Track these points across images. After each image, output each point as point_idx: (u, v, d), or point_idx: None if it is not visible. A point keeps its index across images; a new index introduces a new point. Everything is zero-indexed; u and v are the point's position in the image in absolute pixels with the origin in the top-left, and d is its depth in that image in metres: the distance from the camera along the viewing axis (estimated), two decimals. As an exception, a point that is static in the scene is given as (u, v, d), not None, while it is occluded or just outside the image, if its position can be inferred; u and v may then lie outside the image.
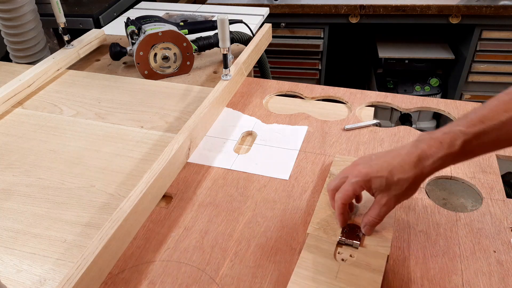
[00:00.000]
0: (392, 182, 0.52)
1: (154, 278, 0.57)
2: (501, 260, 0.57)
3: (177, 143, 0.73)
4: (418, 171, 0.51)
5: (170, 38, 0.99)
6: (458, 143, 0.50)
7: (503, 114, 0.49)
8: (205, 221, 0.65)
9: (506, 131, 0.49)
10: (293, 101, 0.95)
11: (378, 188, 0.54)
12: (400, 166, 0.52)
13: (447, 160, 0.51)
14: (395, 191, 0.53)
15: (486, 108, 0.50)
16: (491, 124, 0.49)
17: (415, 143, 0.53)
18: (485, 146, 0.51)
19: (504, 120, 0.49)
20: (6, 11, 1.06)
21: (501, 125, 0.49)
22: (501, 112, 0.49)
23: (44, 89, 1.00)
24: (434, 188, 0.70)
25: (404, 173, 0.52)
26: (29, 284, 0.57)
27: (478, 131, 0.49)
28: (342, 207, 0.57)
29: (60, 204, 0.69)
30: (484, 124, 0.49)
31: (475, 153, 0.52)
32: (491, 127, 0.49)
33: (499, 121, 0.49)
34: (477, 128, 0.49)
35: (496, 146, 0.52)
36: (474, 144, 0.50)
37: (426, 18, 1.70)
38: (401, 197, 0.54)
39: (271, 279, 0.56)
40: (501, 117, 0.49)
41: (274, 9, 1.71)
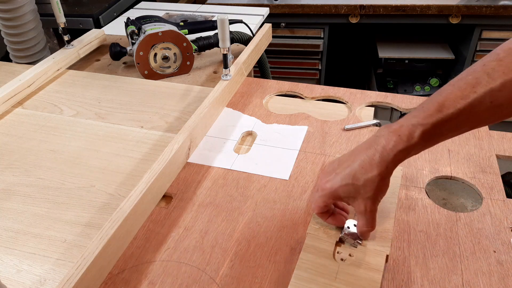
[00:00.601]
0: (359, 186, 0.52)
1: (154, 278, 0.57)
2: (501, 260, 0.57)
3: (177, 143, 0.73)
4: (382, 168, 0.51)
5: (170, 38, 0.99)
6: (417, 135, 0.49)
7: (459, 101, 0.48)
8: (205, 221, 0.65)
9: (464, 118, 0.48)
10: (293, 101, 0.95)
11: (348, 196, 0.53)
12: (362, 168, 0.52)
13: (408, 151, 0.50)
14: (366, 193, 0.52)
15: (443, 95, 0.49)
16: (449, 112, 0.48)
17: (374, 138, 0.52)
18: (445, 134, 0.51)
19: (461, 107, 0.48)
20: (6, 11, 1.06)
21: (459, 113, 0.48)
22: (457, 100, 0.48)
23: (44, 89, 1.00)
24: (434, 188, 0.70)
25: (368, 173, 0.51)
26: (29, 284, 0.57)
27: (436, 121, 0.49)
28: (323, 216, 0.58)
29: (60, 204, 0.69)
30: (441, 113, 0.48)
31: (436, 141, 0.52)
32: (448, 115, 0.48)
33: (457, 109, 0.48)
34: (434, 119, 0.49)
35: (455, 132, 0.51)
36: (433, 134, 0.50)
37: (426, 18, 1.71)
38: (376, 196, 0.53)
39: (271, 279, 0.56)
40: (458, 104, 0.48)
41: (274, 9, 1.71)
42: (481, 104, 0.47)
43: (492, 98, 0.47)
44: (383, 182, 0.52)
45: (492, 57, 0.48)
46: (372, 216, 0.54)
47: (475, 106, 0.47)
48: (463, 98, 0.48)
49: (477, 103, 0.47)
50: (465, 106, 0.47)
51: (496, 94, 0.46)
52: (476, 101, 0.47)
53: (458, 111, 0.48)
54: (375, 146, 0.51)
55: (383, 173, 0.51)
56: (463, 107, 0.47)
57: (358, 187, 0.52)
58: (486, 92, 0.47)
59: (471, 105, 0.47)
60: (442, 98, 0.49)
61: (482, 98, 0.47)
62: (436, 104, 0.49)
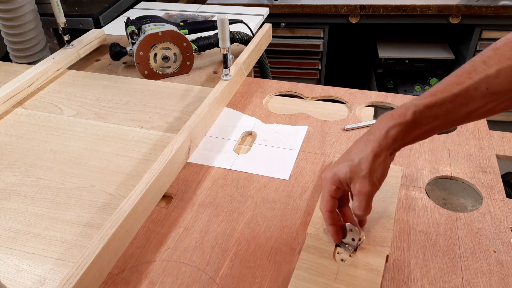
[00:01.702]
0: (354, 165, 0.52)
1: (154, 278, 0.57)
2: (501, 260, 0.57)
3: (177, 143, 0.73)
4: (374, 145, 0.51)
5: (170, 38, 0.99)
6: (409, 114, 0.50)
7: (455, 86, 0.48)
8: (205, 221, 0.65)
9: (459, 103, 0.49)
10: (293, 101, 0.95)
11: (345, 178, 0.53)
12: (357, 149, 0.53)
13: (402, 129, 0.51)
14: (361, 171, 0.52)
15: (440, 83, 0.50)
16: (443, 96, 0.49)
17: (369, 128, 0.54)
18: (439, 118, 0.50)
19: (456, 92, 0.48)
20: (6, 11, 1.06)
21: (453, 97, 0.48)
22: (453, 85, 0.49)
23: (44, 89, 1.00)
24: (434, 188, 0.70)
25: (362, 152, 0.52)
26: (29, 284, 0.57)
27: (429, 102, 0.49)
28: (329, 217, 0.55)
29: (60, 204, 0.69)
30: (435, 96, 0.49)
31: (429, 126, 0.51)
32: (442, 99, 0.49)
33: (451, 93, 0.48)
34: (428, 100, 0.50)
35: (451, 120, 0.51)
36: (426, 115, 0.50)
37: (426, 18, 1.71)
38: (372, 178, 0.52)
39: (271, 279, 0.56)
40: (453, 89, 0.48)
41: (274, 9, 1.71)
42: (477, 90, 0.48)
43: (487, 85, 0.47)
44: (376, 159, 0.52)
45: (490, 47, 0.49)
46: (367, 198, 0.53)
47: (470, 91, 0.48)
48: (458, 84, 0.48)
49: (472, 89, 0.48)
50: (460, 91, 0.48)
51: (492, 81, 0.47)
52: (471, 87, 0.48)
53: (453, 96, 0.48)
54: (370, 131, 0.53)
55: (376, 150, 0.51)
56: (458, 92, 0.48)
57: (354, 166, 0.52)
58: (482, 78, 0.47)
59: (466, 90, 0.48)
60: (440, 85, 0.50)
61: (477, 84, 0.47)
62: (433, 90, 0.50)
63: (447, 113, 0.50)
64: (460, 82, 0.48)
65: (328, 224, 0.56)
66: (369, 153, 0.51)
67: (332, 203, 0.55)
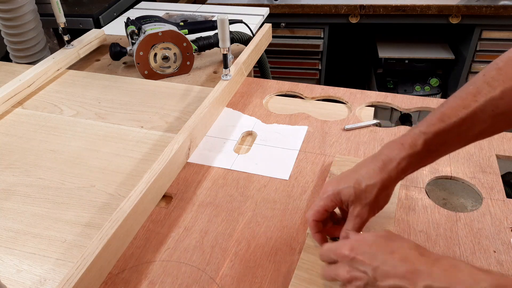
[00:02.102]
0: (360, 190, 0.51)
1: (154, 278, 0.57)
2: (501, 260, 0.57)
3: (177, 143, 0.73)
4: (384, 175, 0.51)
5: (170, 38, 0.99)
6: (420, 143, 0.50)
7: (461, 110, 0.49)
8: (205, 221, 0.65)
9: (467, 126, 0.49)
10: (293, 101, 0.95)
11: (348, 199, 0.53)
12: (366, 173, 0.52)
13: (412, 160, 0.51)
14: (365, 199, 0.52)
15: (445, 106, 0.50)
16: (451, 121, 0.49)
17: (378, 151, 0.53)
18: (449, 143, 0.51)
19: (464, 116, 0.49)
20: (6, 11, 1.06)
21: (461, 122, 0.49)
22: (459, 109, 0.49)
23: (44, 89, 1.00)
24: (434, 188, 0.70)
25: (371, 179, 0.51)
26: (29, 284, 0.57)
27: (438, 129, 0.49)
28: (314, 225, 0.55)
29: (60, 204, 0.69)
30: (444, 122, 0.49)
31: (440, 152, 0.52)
32: (451, 124, 0.49)
33: (459, 117, 0.49)
34: (437, 127, 0.49)
35: (461, 142, 0.52)
36: (436, 143, 0.50)
37: (426, 18, 1.70)
38: (373, 206, 0.53)
39: (271, 279, 0.56)
40: (460, 113, 0.49)
41: (274, 9, 1.71)
42: (483, 112, 0.48)
43: (493, 106, 0.48)
44: (383, 191, 0.52)
45: (492, 67, 0.49)
46: (362, 224, 0.53)
47: (477, 114, 0.48)
48: (464, 107, 0.48)
49: (479, 111, 0.48)
50: (467, 115, 0.48)
51: (497, 102, 0.47)
52: (477, 110, 0.48)
53: (460, 120, 0.49)
54: (379, 156, 0.52)
55: (385, 181, 0.51)
56: (465, 116, 0.48)
57: (360, 191, 0.51)
58: (487, 100, 0.48)
59: (473, 113, 0.48)
60: (444, 108, 0.50)
61: (483, 106, 0.48)
62: (439, 114, 0.50)
63: (456, 137, 0.50)
64: (466, 106, 0.49)
65: (314, 232, 0.55)
66: (377, 182, 0.51)
67: (323, 216, 0.54)
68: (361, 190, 0.51)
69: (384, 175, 0.51)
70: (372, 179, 0.51)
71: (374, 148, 0.78)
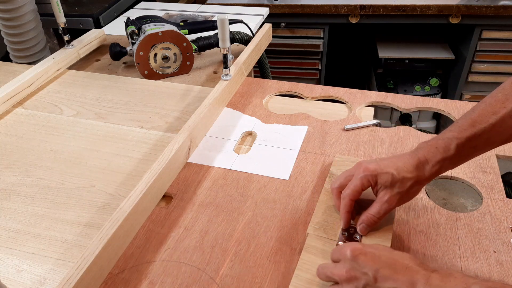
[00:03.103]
0: (397, 179, 0.54)
1: (154, 278, 0.57)
2: (501, 260, 0.57)
3: (177, 143, 0.73)
4: (420, 173, 0.54)
5: (170, 38, 0.99)
6: (453, 147, 0.53)
7: (491, 116, 0.52)
8: (205, 221, 0.65)
9: (496, 132, 0.53)
10: (293, 101, 0.95)
11: (383, 184, 0.55)
12: (404, 166, 0.55)
13: (445, 164, 0.54)
14: (398, 188, 0.54)
15: (476, 112, 0.54)
16: (482, 127, 0.53)
17: (414, 150, 0.56)
18: (479, 147, 0.54)
19: (493, 122, 0.52)
20: (6, 11, 1.06)
21: (491, 127, 0.52)
22: (489, 115, 0.53)
23: (44, 89, 1.00)
24: (434, 188, 0.70)
25: (408, 173, 0.54)
26: (29, 284, 0.57)
27: (470, 134, 0.53)
28: (349, 204, 0.57)
29: (60, 204, 0.69)
30: (475, 127, 0.53)
31: (470, 155, 0.56)
32: (481, 129, 0.53)
33: (489, 123, 0.52)
34: (468, 132, 0.53)
35: (489, 146, 0.55)
36: (467, 147, 0.54)
37: (426, 18, 1.70)
38: (403, 196, 0.55)
39: (271, 279, 0.56)
40: (490, 119, 0.52)
41: (274, 9, 1.71)
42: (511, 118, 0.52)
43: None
44: (416, 187, 0.55)
45: None
46: (387, 210, 0.55)
47: (505, 120, 0.52)
48: (494, 114, 0.52)
49: (507, 117, 0.52)
50: (497, 121, 0.52)
51: None
52: (506, 116, 0.52)
53: (490, 126, 0.52)
54: (416, 155, 0.55)
55: (419, 179, 0.55)
56: (495, 122, 0.52)
57: (396, 179, 0.54)
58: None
59: (502, 119, 0.52)
60: (475, 114, 0.54)
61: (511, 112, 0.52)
62: (470, 120, 0.54)
63: (486, 142, 0.54)
64: (495, 112, 0.52)
65: (345, 211, 0.57)
66: (413, 176, 0.54)
67: (358, 195, 0.57)
68: (398, 179, 0.54)
69: (419, 173, 0.54)
70: (409, 172, 0.54)
71: (374, 148, 0.78)
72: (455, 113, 0.86)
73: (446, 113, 0.87)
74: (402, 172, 0.54)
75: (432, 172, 0.54)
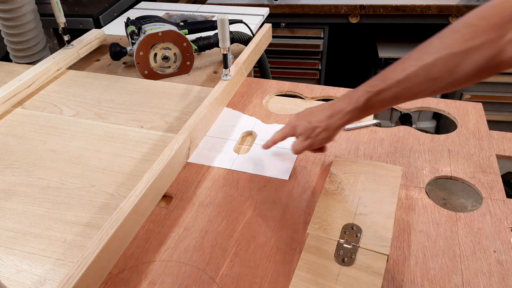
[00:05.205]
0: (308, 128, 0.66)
1: (154, 278, 0.57)
2: (501, 260, 0.57)
3: (177, 143, 0.73)
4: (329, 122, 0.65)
5: (170, 38, 0.99)
6: (362, 100, 0.60)
7: (400, 73, 0.56)
8: (205, 221, 0.65)
9: (403, 88, 0.57)
10: (293, 101, 0.95)
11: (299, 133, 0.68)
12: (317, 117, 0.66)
13: (354, 114, 0.62)
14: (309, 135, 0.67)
15: (389, 68, 0.59)
16: (390, 82, 0.57)
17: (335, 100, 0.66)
18: (386, 101, 0.60)
19: (401, 78, 0.56)
20: (6, 11, 1.06)
21: (398, 83, 0.57)
22: (398, 71, 0.57)
23: (44, 89, 1.00)
24: (434, 188, 0.70)
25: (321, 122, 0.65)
26: (29, 284, 0.57)
27: (379, 89, 0.59)
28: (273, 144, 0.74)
29: (60, 204, 0.69)
30: (384, 83, 0.58)
31: (377, 107, 0.62)
32: (389, 85, 0.57)
33: (396, 79, 0.57)
34: (378, 87, 0.59)
35: (397, 100, 0.60)
36: (375, 100, 0.60)
37: (426, 18, 1.70)
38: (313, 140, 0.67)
39: (271, 279, 0.56)
40: (398, 76, 0.56)
41: (274, 9, 1.71)
42: (417, 76, 0.55)
43: (426, 71, 0.55)
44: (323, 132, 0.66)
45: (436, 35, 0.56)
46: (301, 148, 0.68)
47: (411, 78, 0.56)
48: (403, 70, 0.56)
49: (413, 75, 0.56)
50: (404, 77, 0.56)
51: (430, 68, 0.54)
52: (413, 74, 0.55)
53: (397, 82, 0.57)
54: (333, 106, 0.65)
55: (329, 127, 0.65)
56: (402, 78, 0.56)
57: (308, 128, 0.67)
58: (422, 66, 0.55)
59: (409, 76, 0.56)
60: (388, 70, 0.59)
61: (418, 71, 0.55)
62: (382, 75, 0.59)
63: (394, 96, 0.59)
64: (405, 69, 0.56)
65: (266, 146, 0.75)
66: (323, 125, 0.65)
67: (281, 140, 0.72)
68: (310, 127, 0.66)
69: (330, 121, 0.64)
70: (321, 122, 0.65)
71: (374, 148, 0.78)
72: (455, 113, 0.86)
73: (446, 113, 0.87)
74: (314, 122, 0.65)
75: (342, 121, 0.64)
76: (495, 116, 1.86)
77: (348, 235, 0.57)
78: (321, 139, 0.67)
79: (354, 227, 0.58)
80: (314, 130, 0.66)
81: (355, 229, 0.58)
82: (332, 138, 0.67)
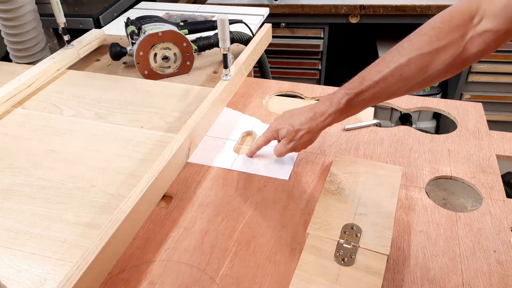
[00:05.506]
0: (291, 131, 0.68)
1: (154, 278, 0.57)
2: (501, 260, 0.57)
3: (177, 143, 0.73)
4: (311, 125, 0.67)
5: (170, 38, 0.99)
6: (343, 102, 0.64)
7: (376, 74, 0.61)
8: (205, 221, 0.65)
9: (380, 88, 0.61)
10: (293, 101, 0.95)
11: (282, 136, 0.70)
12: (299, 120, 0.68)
13: (336, 115, 0.66)
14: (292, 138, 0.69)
15: (367, 70, 0.63)
16: (368, 84, 0.61)
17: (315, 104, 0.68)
18: (365, 101, 0.64)
19: (377, 79, 0.61)
20: (6, 11, 1.06)
21: (375, 84, 0.61)
22: (375, 73, 0.61)
23: (44, 89, 1.00)
24: (434, 188, 0.70)
25: (302, 125, 0.67)
26: (29, 284, 0.57)
27: (357, 91, 0.62)
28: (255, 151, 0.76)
29: (60, 204, 0.69)
30: (362, 84, 0.62)
31: (357, 108, 0.65)
32: (367, 86, 0.62)
33: (373, 81, 0.61)
34: (357, 89, 0.62)
35: (375, 100, 0.64)
36: (355, 101, 0.64)
37: (426, 18, 1.70)
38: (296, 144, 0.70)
39: (271, 279, 0.56)
40: (375, 77, 0.61)
41: (274, 9, 1.71)
42: (393, 76, 0.60)
43: (400, 71, 0.59)
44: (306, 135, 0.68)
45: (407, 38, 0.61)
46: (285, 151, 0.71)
47: (387, 78, 0.60)
48: (379, 72, 0.61)
49: (389, 75, 0.60)
50: (380, 78, 0.60)
51: (404, 68, 0.59)
52: (388, 74, 0.60)
53: (375, 83, 0.61)
54: (314, 109, 0.67)
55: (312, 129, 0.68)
56: (379, 79, 0.61)
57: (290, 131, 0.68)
58: (396, 67, 0.59)
59: (385, 77, 0.60)
60: (366, 72, 0.63)
61: (393, 72, 0.60)
62: (360, 77, 0.63)
63: (372, 97, 0.63)
64: (380, 71, 0.61)
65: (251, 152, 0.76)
66: (306, 128, 0.67)
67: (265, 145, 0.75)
68: (292, 130, 0.68)
69: (312, 124, 0.67)
70: (303, 124, 0.67)
71: (374, 148, 0.78)
72: (455, 113, 0.86)
73: (446, 113, 0.87)
74: (296, 125, 0.68)
75: (325, 124, 0.66)
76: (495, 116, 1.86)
77: (348, 235, 0.57)
78: (303, 141, 0.69)
79: (354, 227, 0.58)
80: (297, 133, 0.68)
81: (355, 229, 0.58)
82: (314, 140, 0.71)
